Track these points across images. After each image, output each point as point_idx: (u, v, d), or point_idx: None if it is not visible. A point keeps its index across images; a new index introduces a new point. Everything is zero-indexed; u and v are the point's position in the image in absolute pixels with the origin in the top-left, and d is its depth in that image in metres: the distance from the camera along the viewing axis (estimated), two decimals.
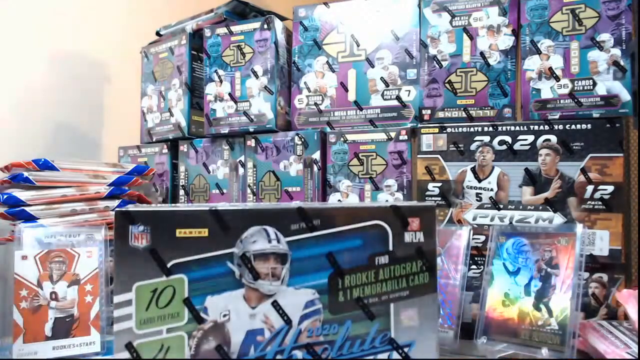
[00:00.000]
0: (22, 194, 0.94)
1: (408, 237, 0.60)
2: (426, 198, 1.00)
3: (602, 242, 0.89)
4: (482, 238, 0.96)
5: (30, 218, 0.94)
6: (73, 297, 0.87)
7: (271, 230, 0.59)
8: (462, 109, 1.01)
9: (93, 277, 0.89)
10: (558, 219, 0.91)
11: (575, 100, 0.92)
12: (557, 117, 0.93)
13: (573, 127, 0.91)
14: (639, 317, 0.77)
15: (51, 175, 0.97)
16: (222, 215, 0.59)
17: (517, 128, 0.95)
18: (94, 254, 0.90)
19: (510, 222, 0.94)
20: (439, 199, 0.99)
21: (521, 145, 0.94)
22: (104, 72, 1.44)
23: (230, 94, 1.17)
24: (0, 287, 0.92)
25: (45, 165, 0.97)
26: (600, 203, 0.89)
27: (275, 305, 0.58)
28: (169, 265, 0.57)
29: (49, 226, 0.92)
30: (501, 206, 0.95)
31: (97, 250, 0.91)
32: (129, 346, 0.56)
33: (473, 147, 0.97)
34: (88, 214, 0.99)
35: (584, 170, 0.90)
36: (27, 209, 0.94)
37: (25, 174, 0.94)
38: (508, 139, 0.95)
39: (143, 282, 0.57)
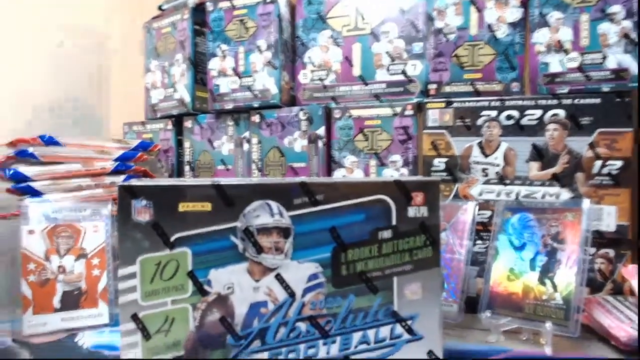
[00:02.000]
0: (27, 170, 0.95)
1: (412, 211, 0.60)
2: (432, 173, 0.99)
3: (610, 217, 0.88)
4: (488, 213, 0.95)
5: (36, 193, 0.94)
6: (80, 270, 0.88)
7: (274, 204, 0.59)
8: (469, 83, 0.99)
9: (100, 252, 0.90)
10: (565, 194, 0.91)
11: (585, 74, 0.90)
12: (565, 91, 0.91)
13: (582, 101, 0.90)
14: None
15: (56, 151, 0.97)
16: (225, 190, 0.58)
17: (525, 102, 0.93)
18: (100, 228, 0.91)
19: (517, 198, 0.93)
20: (445, 174, 0.99)
21: (529, 120, 0.93)
22: (108, 47, 1.42)
23: (233, 69, 1.16)
24: (8, 261, 0.93)
25: (50, 141, 0.97)
26: (608, 178, 0.88)
27: (279, 279, 0.58)
28: (172, 239, 0.57)
29: (55, 201, 0.93)
30: (507, 181, 0.95)
31: (104, 225, 0.91)
32: (135, 317, 0.57)
33: (480, 122, 0.96)
34: (94, 189, 1.00)
35: (592, 145, 0.89)
36: (32, 184, 0.94)
37: (30, 149, 0.95)
38: (515, 113, 0.94)
39: (147, 255, 0.57)
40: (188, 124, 1.23)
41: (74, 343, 0.80)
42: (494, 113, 0.95)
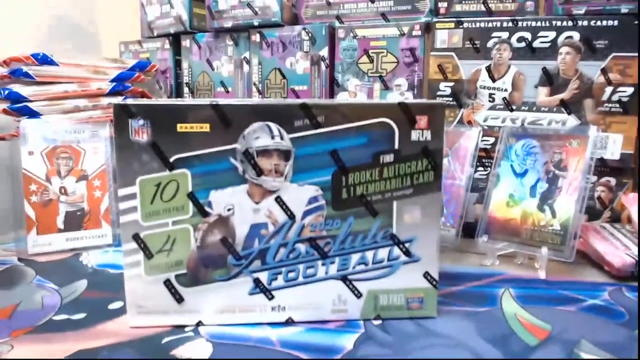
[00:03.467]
0: (23, 90, 0.92)
1: (415, 135, 0.59)
2: (437, 98, 0.97)
3: (615, 145, 0.86)
4: (492, 140, 0.94)
5: (33, 114, 0.93)
6: (82, 192, 0.89)
7: (274, 126, 0.57)
8: (481, 1, 0.94)
9: (100, 173, 0.90)
10: (572, 121, 0.89)
11: None
12: (582, 12, 0.87)
13: (598, 23, 0.85)
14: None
15: (51, 70, 0.94)
16: (224, 111, 0.57)
17: (539, 24, 0.89)
18: (100, 150, 0.90)
19: (522, 124, 0.91)
20: (451, 99, 0.96)
21: (541, 42, 0.89)
22: None
23: None
24: (9, 182, 0.93)
25: (44, 60, 0.93)
26: (617, 105, 0.86)
27: (279, 201, 0.58)
28: (171, 160, 0.57)
29: (53, 122, 0.91)
30: (514, 107, 0.92)
31: (103, 147, 0.91)
32: (136, 237, 0.58)
33: (490, 44, 0.92)
34: (91, 110, 0.98)
35: (604, 71, 0.86)
36: (29, 105, 0.92)
37: (25, 68, 0.92)
38: (528, 35, 0.89)
39: (146, 176, 0.57)
40: (186, 43, 1.19)
41: (78, 262, 0.82)
42: (505, 35, 0.91)
